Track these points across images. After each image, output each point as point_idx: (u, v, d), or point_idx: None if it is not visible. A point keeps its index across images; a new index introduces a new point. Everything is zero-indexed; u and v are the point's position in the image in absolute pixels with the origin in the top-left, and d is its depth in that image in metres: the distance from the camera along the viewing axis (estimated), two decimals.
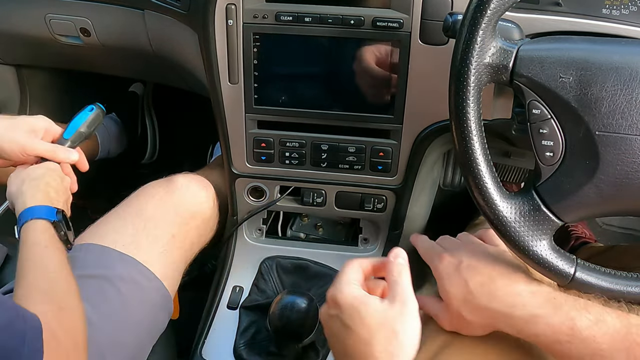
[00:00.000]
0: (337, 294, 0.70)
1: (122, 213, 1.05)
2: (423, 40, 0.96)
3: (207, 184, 1.14)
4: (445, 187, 1.42)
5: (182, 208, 1.08)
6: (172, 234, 1.05)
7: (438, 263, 0.80)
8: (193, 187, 1.11)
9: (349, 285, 0.71)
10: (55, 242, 0.87)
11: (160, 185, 1.10)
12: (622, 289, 0.72)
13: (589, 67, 0.71)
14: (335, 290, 0.71)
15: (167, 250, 1.03)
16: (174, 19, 1.13)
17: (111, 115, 1.75)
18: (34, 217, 0.88)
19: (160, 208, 1.06)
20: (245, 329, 1.13)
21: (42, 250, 0.85)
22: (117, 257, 0.98)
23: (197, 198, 1.11)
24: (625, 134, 0.69)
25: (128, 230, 1.02)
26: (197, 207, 1.10)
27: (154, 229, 1.03)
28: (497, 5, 0.70)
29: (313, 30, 0.98)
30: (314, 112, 1.06)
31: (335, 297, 0.70)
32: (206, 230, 1.14)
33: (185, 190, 1.09)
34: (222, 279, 1.22)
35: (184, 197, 1.09)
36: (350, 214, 1.18)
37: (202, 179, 1.14)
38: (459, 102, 0.72)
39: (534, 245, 0.73)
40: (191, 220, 1.09)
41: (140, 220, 1.03)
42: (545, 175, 0.73)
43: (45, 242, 0.86)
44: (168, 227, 1.05)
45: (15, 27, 1.40)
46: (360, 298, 0.70)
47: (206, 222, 1.13)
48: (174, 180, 1.11)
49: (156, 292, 1.00)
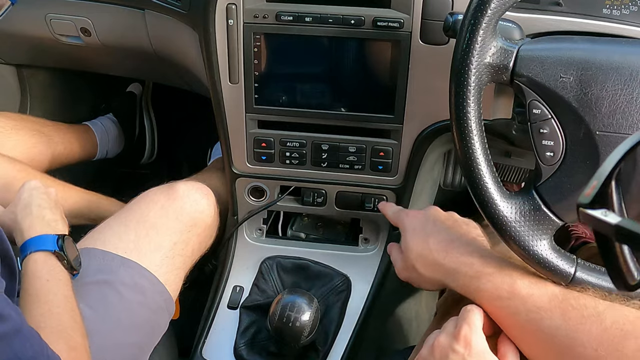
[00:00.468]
0: (474, 338, 0.72)
1: (124, 219, 1.05)
2: (423, 40, 0.96)
3: (208, 191, 1.14)
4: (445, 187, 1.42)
5: (184, 216, 1.08)
6: (173, 242, 1.05)
7: (405, 217, 0.90)
8: (194, 195, 1.11)
9: (482, 333, 0.73)
10: (58, 272, 0.86)
11: (162, 192, 1.10)
12: None
13: (590, 67, 0.71)
14: (470, 332, 0.72)
15: (168, 257, 1.04)
16: (174, 19, 1.13)
17: (109, 116, 1.75)
18: (33, 250, 0.87)
19: (162, 215, 1.06)
20: (245, 329, 1.13)
21: (44, 284, 0.83)
22: (119, 262, 0.98)
23: (199, 206, 1.11)
24: (625, 134, 0.69)
25: (130, 236, 1.02)
26: (198, 214, 1.10)
27: (155, 236, 1.04)
28: (498, 5, 0.70)
29: (313, 30, 0.98)
30: (315, 112, 1.06)
31: (470, 339, 0.72)
32: (207, 237, 1.15)
33: (186, 199, 1.10)
34: (223, 278, 1.22)
35: (185, 205, 1.09)
36: (350, 213, 1.18)
37: (202, 187, 1.14)
38: (459, 101, 0.72)
39: (534, 245, 0.73)
40: (193, 227, 1.09)
41: (142, 227, 1.04)
42: (545, 175, 0.73)
43: (47, 275, 0.85)
44: (170, 234, 1.06)
45: (15, 27, 1.40)
46: (490, 353, 0.72)
47: (207, 229, 1.13)
48: (175, 188, 1.11)
49: (159, 295, 1.01)
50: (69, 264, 0.88)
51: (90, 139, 1.64)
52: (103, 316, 0.92)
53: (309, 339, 1.03)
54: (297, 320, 1.00)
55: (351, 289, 1.17)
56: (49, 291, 0.83)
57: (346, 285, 1.17)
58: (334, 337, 1.11)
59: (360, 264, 1.20)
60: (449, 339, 0.74)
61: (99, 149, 1.66)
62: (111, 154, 1.72)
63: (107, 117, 1.74)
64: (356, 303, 1.16)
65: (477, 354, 0.72)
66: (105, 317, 0.92)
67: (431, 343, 0.75)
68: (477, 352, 0.72)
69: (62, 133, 1.50)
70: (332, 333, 1.11)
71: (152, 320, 0.99)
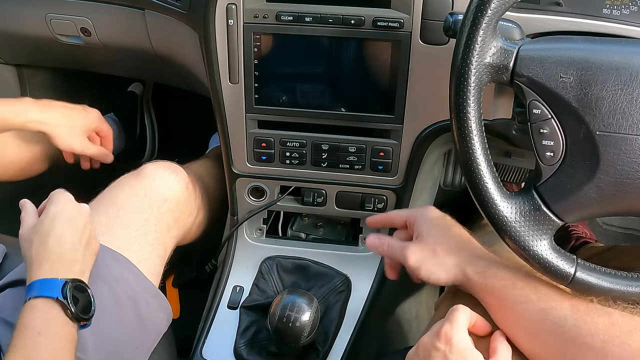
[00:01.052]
0: (454, 334, 0.74)
1: (96, 205, 1.06)
2: (423, 40, 0.96)
3: (176, 168, 1.15)
4: (445, 187, 1.42)
5: (152, 192, 1.09)
6: (144, 218, 1.06)
7: (418, 212, 0.94)
8: (162, 172, 1.12)
9: (465, 331, 0.75)
10: (55, 325, 0.78)
11: (131, 175, 1.11)
12: (623, 289, 0.72)
13: (590, 67, 0.71)
14: (451, 329, 0.74)
15: (141, 235, 1.04)
16: (174, 19, 1.13)
17: (110, 115, 1.75)
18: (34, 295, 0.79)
19: (131, 195, 1.07)
20: (245, 329, 1.13)
21: (33, 338, 0.75)
22: (110, 256, 0.98)
23: (167, 182, 1.12)
24: (625, 134, 0.69)
25: (102, 219, 1.02)
26: (166, 190, 1.11)
27: (125, 215, 1.04)
28: (498, 5, 0.70)
29: (313, 30, 0.98)
30: (315, 112, 1.06)
31: (451, 336, 0.74)
32: (183, 213, 1.15)
33: (154, 176, 1.11)
34: (223, 278, 1.22)
35: (154, 183, 1.10)
36: (350, 213, 1.18)
37: (171, 164, 1.15)
38: (459, 101, 0.72)
39: (535, 245, 0.73)
40: (163, 203, 1.10)
41: (113, 209, 1.04)
42: (545, 175, 0.73)
43: (39, 327, 0.76)
44: (140, 212, 1.06)
45: (15, 27, 1.40)
46: (472, 349, 0.74)
47: (181, 204, 1.13)
48: (143, 168, 1.12)
49: (147, 292, 1.00)
50: (74, 315, 0.80)
51: None
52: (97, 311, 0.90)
53: (309, 339, 1.03)
54: (297, 320, 1.00)
55: (351, 289, 1.17)
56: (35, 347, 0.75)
57: (346, 285, 1.17)
58: (334, 337, 1.11)
59: (360, 264, 1.20)
60: (432, 337, 0.75)
61: None
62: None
63: (108, 117, 1.74)
64: (356, 303, 1.16)
65: (458, 350, 0.73)
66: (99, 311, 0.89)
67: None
68: (459, 349, 0.73)
69: None
70: (332, 333, 1.11)
71: (145, 317, 0.99)
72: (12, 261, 1.05)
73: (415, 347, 0.78)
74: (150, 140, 1.85)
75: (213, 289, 1.25)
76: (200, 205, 1.21)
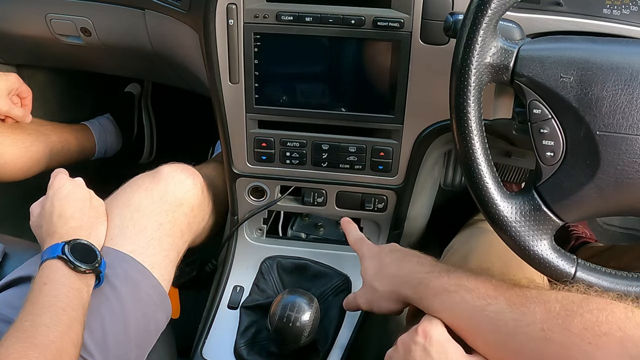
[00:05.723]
0: (432, 328, 0.76)
1: (109, 206, 1.04)
2: (424, 40, 0.96)
3: (193, 171, 1.14)
4: (446, 187, 1.42)
5: (169, 196, 1.07)
6: (159, 222, 1.04)
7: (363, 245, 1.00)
8: (179, 175, 1.11)
9: (443, 327, 0.77)
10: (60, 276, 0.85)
11: (147, 176, 1.10)
12: (623, 288, 0.72)
13: (590, 67, 0.71)
14: (430, 325, 0.77)
15: (154, 238, 1.02)
16: (174, 19, 1.13)
17: (106, 115, 1.75)
18: (41, 260, 0.88)
19: (146, 197, 1.05)
20: (245, 329, 1.13)
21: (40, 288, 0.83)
22: (114, 255, 0.97)
23: (184, 186, 1.10)
24: (626, 134, 0.69)
25: (115, 222, 1.01)
26: (183, 194, 1.10)
27: (140, 218, 1.03)
28: (498, 5, 0.70)
29: (314, 30, 0.98)
30: (315, 112, 1.06)
31: (430, 331, 0.76)
32: (196, 218, 1.13)
33: (170, 179, 1.09)
34: (223, 278, 1.22)
35: (170, 186, 1.08)
36: (350, 213, 1.18)
37: (188, 167, 1.14)
38: (459, 101, 0.72)
39: (535, 245, 0.73)
40: (178, 207, 1.08)
41: (127, 211, 1.03)
42: (545, 175, 0.73)
43: (45, 279, 0.84)
44: (155, 215, 1.04)
45: (15, 27, 1.40)
46: (450, 341, 0.76)
47: (195, 209, 1.12)
48: (160, 169, 1.10)
49: (153, 289, 1.00)
50: (75, 266, 0.86)
51: (88, 138, 1.64)
52: (97, 308, 0.91)
53: (309, 339, 1.03)
54: (298, 320, 1.00)
55: (351, 289, 1.17)
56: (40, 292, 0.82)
57: (346, 285, 1.17)
58: (334, 337, 1.11)
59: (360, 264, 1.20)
60: (410, 334, 0.78)
61: (97, 148, 1.66)
62: (110, 153, 1.72)
63: (104, 117, 1.75)
64: None
65: (437, 342, 0.75)
66: (101, 310, 0.91)
67: None
68: (437, 341, 0.75)
69: (59, 132, 1.51)
70: (332, 333, 1.11)
71: (147, 316, 0.99)
72: (12, 261, 1.05)
73: (394, 346, 0.80)
74: (148, 140, 1.85)
75: (213, 288, 1.25)
76: (212, 210, 1.20)
